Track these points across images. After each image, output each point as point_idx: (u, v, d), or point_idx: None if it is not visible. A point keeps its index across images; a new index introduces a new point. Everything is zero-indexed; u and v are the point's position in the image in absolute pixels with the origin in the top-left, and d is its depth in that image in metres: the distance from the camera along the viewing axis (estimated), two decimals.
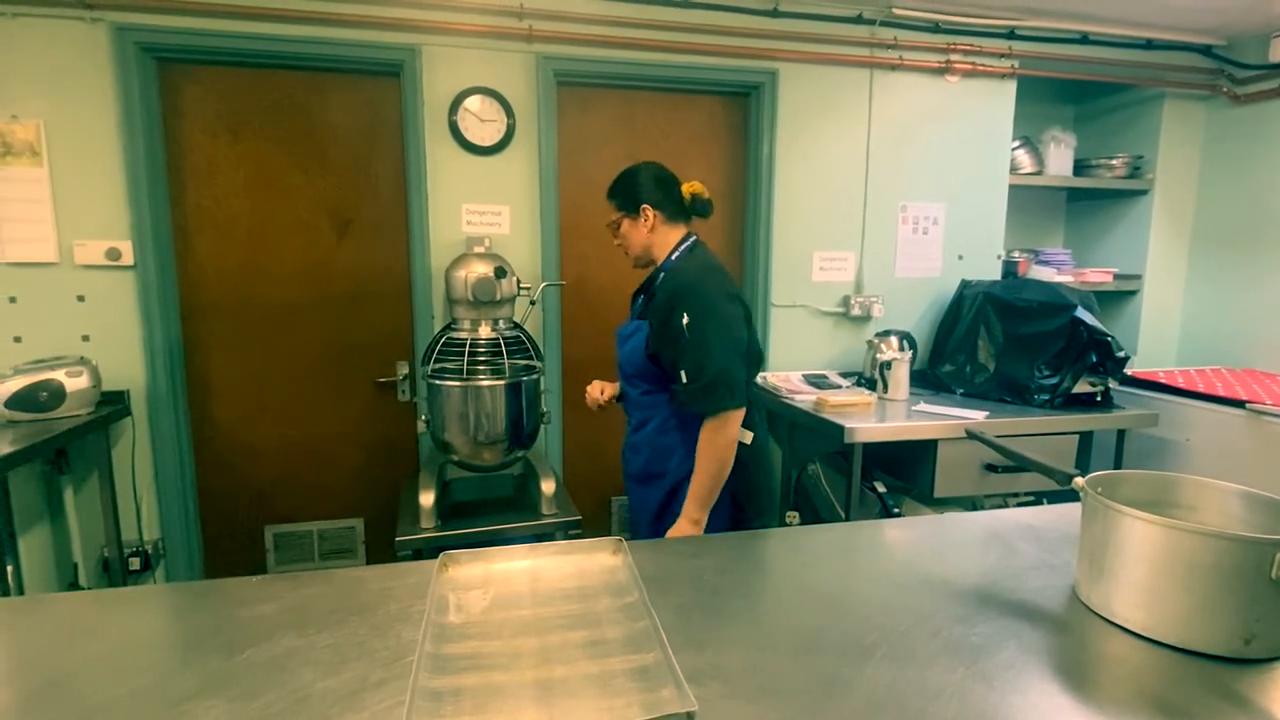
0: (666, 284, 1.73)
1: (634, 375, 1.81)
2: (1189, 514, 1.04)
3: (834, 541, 1.29)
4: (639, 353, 1.76)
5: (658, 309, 1.70)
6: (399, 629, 0.92)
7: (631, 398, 1.85)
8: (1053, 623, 0.94)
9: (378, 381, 2.72)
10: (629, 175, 1.79)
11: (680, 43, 2.69)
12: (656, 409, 1.78)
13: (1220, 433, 2.64)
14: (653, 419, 1.79)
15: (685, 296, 1.66)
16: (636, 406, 1.84)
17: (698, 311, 1.64)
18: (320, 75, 2.53)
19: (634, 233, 1.78)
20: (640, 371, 1.78)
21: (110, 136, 2.30)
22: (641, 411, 1.83)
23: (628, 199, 1.78)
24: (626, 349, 1.81)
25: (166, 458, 2.47)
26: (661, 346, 1.70)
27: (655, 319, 1.71)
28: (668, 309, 1.67)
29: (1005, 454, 1.14)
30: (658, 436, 1.78)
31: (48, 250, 2.29)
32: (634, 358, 1.78)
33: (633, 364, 1.79)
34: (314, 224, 2.59)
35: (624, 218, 1.79)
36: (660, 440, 1.78)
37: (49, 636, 0.92)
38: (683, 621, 0.93)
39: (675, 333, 1.65)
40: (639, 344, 1.76)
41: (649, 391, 1.79)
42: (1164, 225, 3.35)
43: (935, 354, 3.07)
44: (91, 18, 2.24)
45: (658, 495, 1.79)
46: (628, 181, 1.79)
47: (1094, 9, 2.91)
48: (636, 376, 1.80)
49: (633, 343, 1.79)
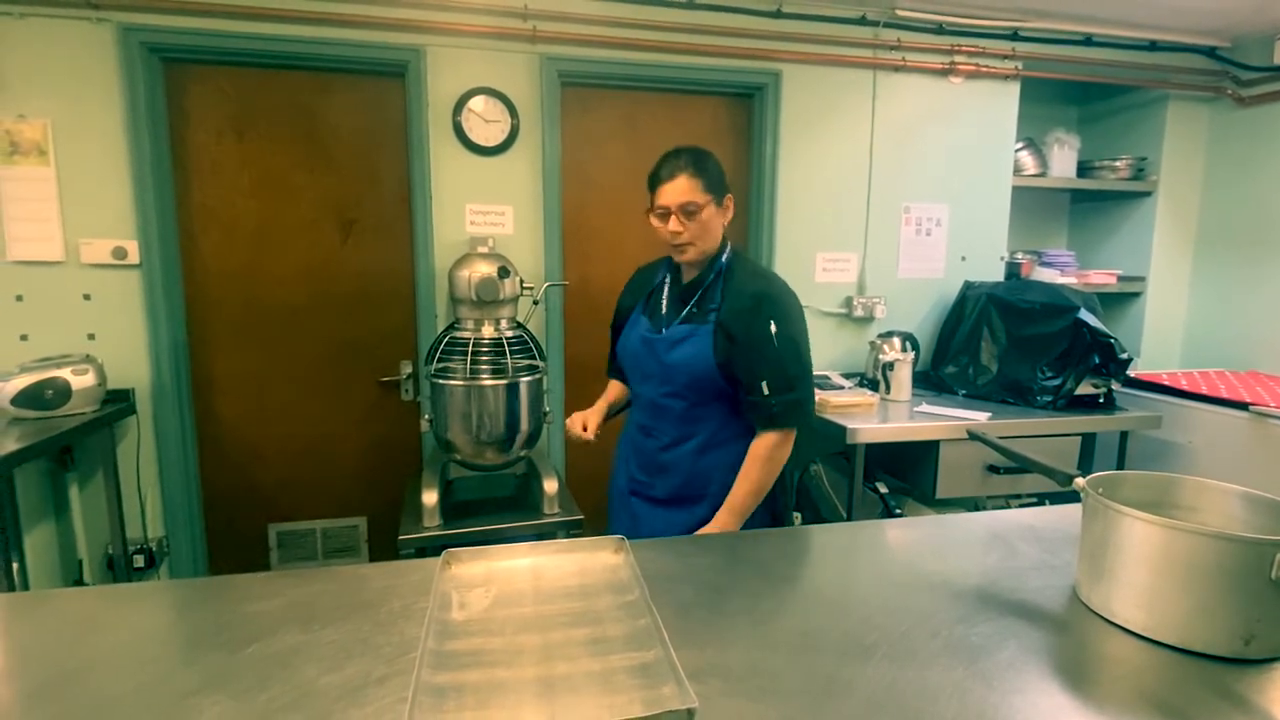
0: (745, 288, 1.57)
1: (686, 386, 1.61)
2: (1190, 515, 1.04)
3: (835, 541, 1.29)
4: (703, 360, 1.56)
5: (739, 314, 1.54)
6: (402, 626, 0.92)
7: (673, 412, 1.64)
8: (1053, 623, 0.94)
9: (381, 381, 2.73)
10: (711, 155, 1.58)
11: (683, 44, 2.70)
12: (702, 424, 1.61)
13: (1223, 435, 2.64)
14: (696, 435, 1.62)
15: (774, 303, 1.54)
16: (676, 421, 1.64)
17: (787, 320, 1.53)
18: (325, 75, 2.54)
19: (715, 222, 1.58)
20: (697, 381, 1.59)
21: (116, 136, 2.31)
22: (681, 427, 1.64)
23: (717, 182, 1.56)
24: (679, 356, 1.59)
25: (171, 456, 2.48)
26: (736, 355, 1.54)
27: (736, 325, 1.54)
28: (752, 315, 1.53)
29: (1007, 455, 1.14)
30: (698, 457, 1.62)
31: (54, 249, 2.30)
32: (694, 366, 1.58)
33: (690, 373, 1.59)
34: (318, 223, 2.60)
35: (711, 202, 1.55)
36: (700, 461, 1.62)
37: (55, 632, 0.93)
38: (684, 620, 0.93)
39: (760, 340, 1.52)
40: (702, 350, 1.56)
41: (697, 404, 1.61)
42: (1168, 227, 3.35)
43: (938, 355, 3.07)
44: (98, 18, 2.25)
45: (689, 520, 1.61)
46: (713, 162, 1.57)
47: (1098, 11, 2.91)
48: (689, 387, 1.60)
49: (690, 349, 1.58)
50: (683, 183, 1.53)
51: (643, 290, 1.78)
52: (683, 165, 1.54)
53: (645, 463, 1.71)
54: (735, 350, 1.54)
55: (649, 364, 1.66)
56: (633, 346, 1.71)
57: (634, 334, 1.72)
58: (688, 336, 1.60)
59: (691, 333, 1.59)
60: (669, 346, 1.61)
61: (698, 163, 1.54)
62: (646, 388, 1.69)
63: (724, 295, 1.59)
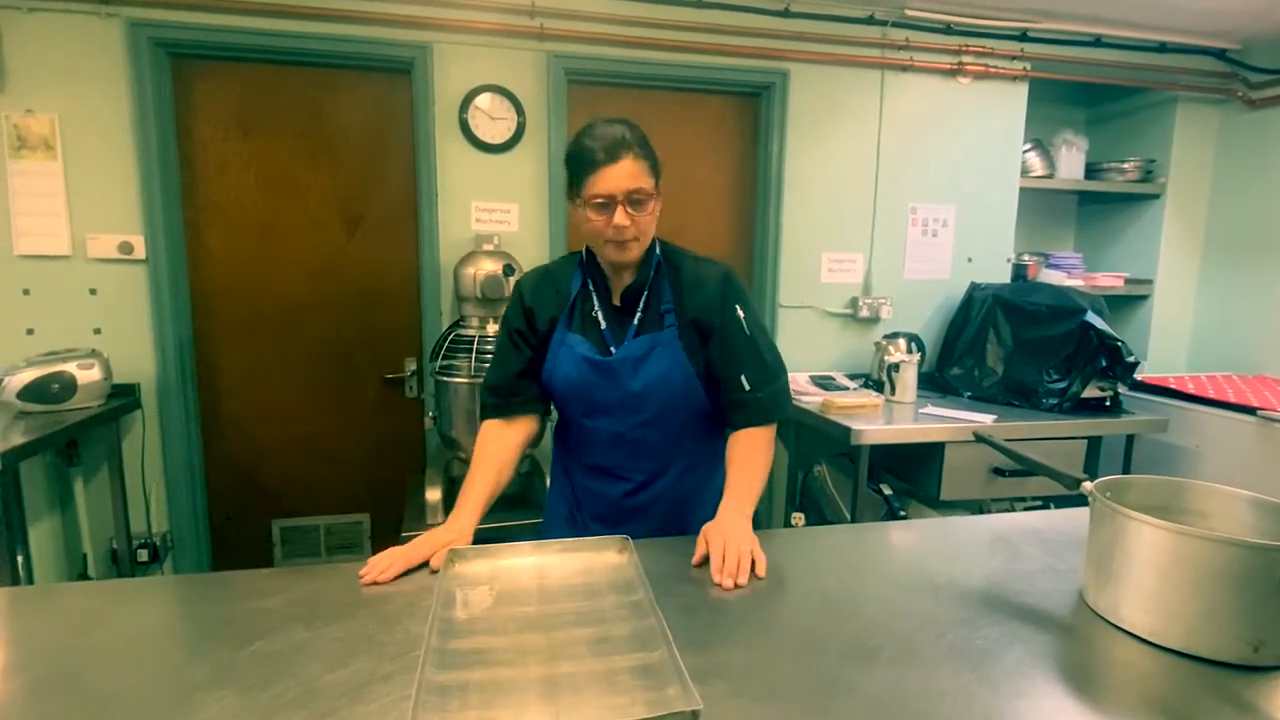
0: (702, 275, 1.34)
1: (664, 410, 1.34)
2: (1198, 520, 1.03)
3: (839, 543, 1.29)
4: (680, 374, 1.31)
5: (708, 306, 1.32)
6: (406, 623, 0.92)
7: (646, 444, 1.36)
8: (1059, 627, 0.94)
9: (385, 377, 2.73)
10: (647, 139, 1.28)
11: (691, 42, 2.69)
12: (681, 448, 1.38)
13: (1230, 439, 2.62)
14: (674, 464, 1.39)
15: (735, 286, 1.34)
16: (651, 455, 1.38)
17: (749, 303, 1.34)
18: (332, 72, 2.54)
19: (654, 215, 1.29)
20: (676, 401, 1.34)
21: (124, 131, 2.31)
22: (657, 461, 1.38)
23: (658, 165, 1.28)
24: (650, 376, 1.31)
25: (175, 451, 2.49)
26: (714, 353, 1.33)
27: (709, 318, 1.32)
28: (721, 303, 1.32)
29: (1013, 458, 1.14)
30: (678, 482, 1.39)
31: (61, 243, 2.31)
32: (671, 384, 1.32)
33: (667, 393, 1.32)
34: (324, 220, 2.61)
35: (656, 191, 1.27)
36: (681, 486, 1.40)
37: (59, 626, 0.93)
38: (688, 620, 0.93)
39: (733, 330, 1.32)
40: (675, 362, 1.31)
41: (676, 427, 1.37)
42: (1176, 230, 3.33)
43: (943, 357, 3.06)
44: (107, 13, 2.25)
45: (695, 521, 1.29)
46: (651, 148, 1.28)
47: (1107, 12, 2.89)
48: (667, 410, 1.34)
49: (661, 366, 1.31)
50: (628, 165, 1.20)
51: (557, 303, 1.37)
52: (627, 144, 1.21)
53: (607, 511, 1.41)
54: (712, 348, 1.33)
55: (604, 393, 1.33)
56: (573, 375, 1.33)
57: (568, 359, 1.34)
58: (650, 351, 1.31)
59: (653, 344, 1.31)
60: (631, 368, 1.31)
61: (642, 141, 1.24)
62: (605, 422, 1.36)
63: (677, 290, 1.34)
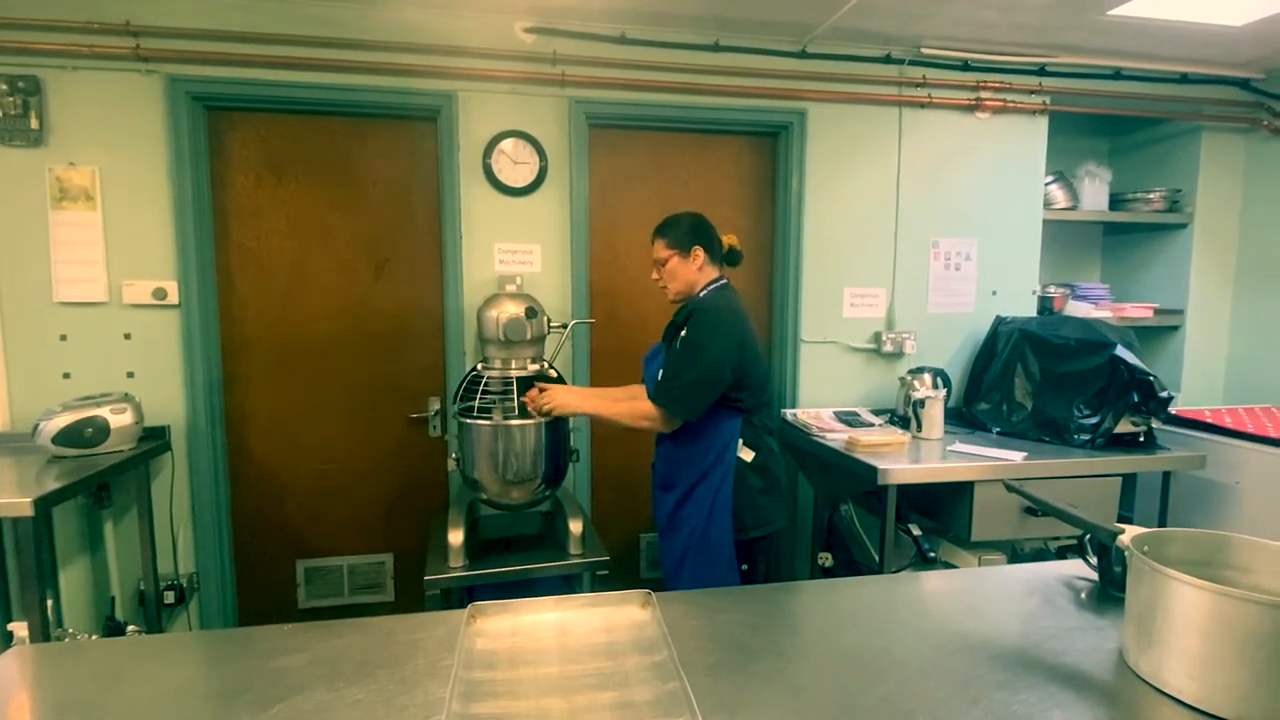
0: (690, 308, 1.97)
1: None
2: (1243, 576, 0.99)
3: (869, 596, 1.26)
4: (653, 383, 1.98)
5: (674, 328, 1.97)
6: (427, 685, 0.91)
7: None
8: (1100, 692, 0.90)
9: (410, 417, 2.75)
10: (681, 218, 2.03)
11: (709, 85, 2.73)
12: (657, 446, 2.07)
13: (1273, 475, 2.54)
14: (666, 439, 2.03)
15: (696, 315, 1.91)
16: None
17: (700, 328, 1.88)
18: (361, 120, 2.61)
19: (682, 270, 2.00)
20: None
21: (160, 181, 2.39)
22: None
23: (680, 239, 2.00)
24: (651, 371, 2.06)
25: (203, 492, 2.52)
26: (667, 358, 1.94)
27: (671, 336, 1.97)
28: (682, 327, 1.92)
29: (1048, 510, 1.11)
30: (671, 449, 2.02)
31: (98, 290, 2.37)
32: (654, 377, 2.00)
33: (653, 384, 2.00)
34: (352, 263, 2.66)
35: (674, 255, 1.99)
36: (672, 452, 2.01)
37: (84, 685, 0.93)
38: (713, 682, 0.91)
39: (677, 343, 1.90)
40: (659, 364, 1.98)
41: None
42: (1206, 259, 3.27)
43: (970, 391, 3.01)
44: (146, 69, 2.35)
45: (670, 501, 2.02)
46: (680, 224, 2.02)
47: (1126, 45, 2.88)
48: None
49: (656, 364, 2.02)
50: (655, 243, 2.04)
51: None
52: (656, 231, 2.04)
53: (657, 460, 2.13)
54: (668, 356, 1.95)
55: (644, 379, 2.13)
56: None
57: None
58: (655, 355, 2.08)
59: (658, 352, 2.07)
60: (647, 364, 2.13)
61: (664, 226, 2.03)
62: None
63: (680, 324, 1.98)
